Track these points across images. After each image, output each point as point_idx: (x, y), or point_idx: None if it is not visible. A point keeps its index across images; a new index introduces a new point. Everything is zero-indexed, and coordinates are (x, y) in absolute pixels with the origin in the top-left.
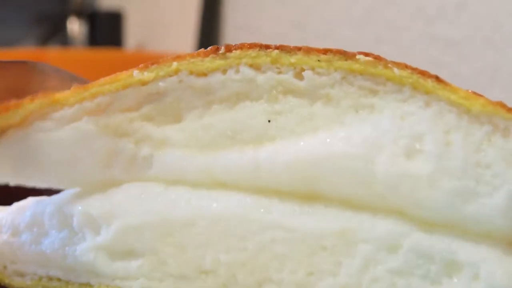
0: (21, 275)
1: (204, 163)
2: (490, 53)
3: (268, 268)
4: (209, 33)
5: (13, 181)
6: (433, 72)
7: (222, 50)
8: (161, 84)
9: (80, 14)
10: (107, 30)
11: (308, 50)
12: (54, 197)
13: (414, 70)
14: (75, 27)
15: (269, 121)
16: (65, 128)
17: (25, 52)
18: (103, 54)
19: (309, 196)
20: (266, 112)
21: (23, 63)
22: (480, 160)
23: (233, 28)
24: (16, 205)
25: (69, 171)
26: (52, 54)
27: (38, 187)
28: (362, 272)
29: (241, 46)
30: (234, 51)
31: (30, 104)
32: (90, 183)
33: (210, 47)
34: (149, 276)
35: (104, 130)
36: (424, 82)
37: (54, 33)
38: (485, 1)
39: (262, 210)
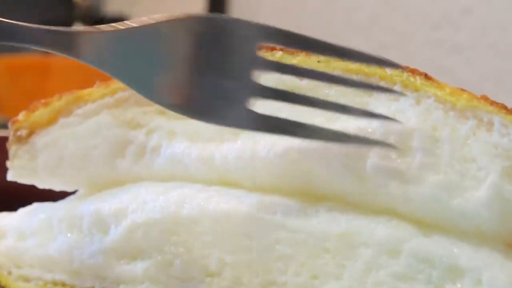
0: (26, 280)
1: (207, 153)
2: (495, 58)
3: (272, 269)
4: None
5: (35, 182)
6: (438, 77)
7: None
8: None
9: (85, 20)
10: None
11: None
12: (63, 202)
13: (405, 68)
14: None
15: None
16: (86, 122)
17: (30, 58)
18: None
19: (307, 194)
20: (269, 109)
21: None
22: (466, 154)
23: None
24: (22, 210)
25: (84, 163)
26: (58, 60)
27: (40, 192)
28: (365, 276)
29: None
30: None
31: (57, 102)
32: (100, 180)
33: None
34: (154, 279)
35: (119, 121)
36: (413, 79)
37: None
38: (490, 7)
39: (266, 210)
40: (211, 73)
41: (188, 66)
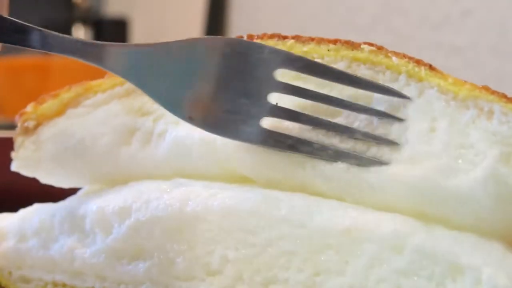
0: (27, 281)
1: (210, 136)
2: (495, 59)
3: (274, 265)
4: None
5: (38, 174)
6: None
7: (245, 38)
8: None
9: (85, 21)
10: (112, 37)
11: (319, 40)
12: (64, 202)
13: (411, 59)
14: (80, 34)
15: (276, 103)
16: (95, 112)
17: (30, 58)
18: None
19: (310, 191)
20: (278, 97)
21: None
22: (464, 142)
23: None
24: (23, 211)
25: (89, 152)
26: (58, 61)
27: (41, 193)
28: (367, 272)
29: (262, 36)
30: (255, 40)
31: (67, 93)
32: (104, 170)
33: (235, 36)
34: (155, 280)
35: (128, 110)
36: (418, 70)
37: None
38: (490, 8)
39: (271, 205)
40: (231, 92)
41: (209, 84)
